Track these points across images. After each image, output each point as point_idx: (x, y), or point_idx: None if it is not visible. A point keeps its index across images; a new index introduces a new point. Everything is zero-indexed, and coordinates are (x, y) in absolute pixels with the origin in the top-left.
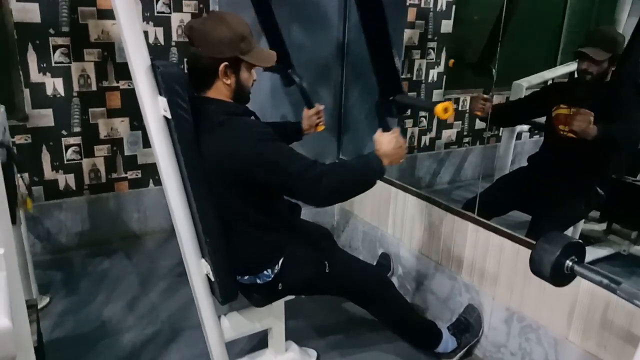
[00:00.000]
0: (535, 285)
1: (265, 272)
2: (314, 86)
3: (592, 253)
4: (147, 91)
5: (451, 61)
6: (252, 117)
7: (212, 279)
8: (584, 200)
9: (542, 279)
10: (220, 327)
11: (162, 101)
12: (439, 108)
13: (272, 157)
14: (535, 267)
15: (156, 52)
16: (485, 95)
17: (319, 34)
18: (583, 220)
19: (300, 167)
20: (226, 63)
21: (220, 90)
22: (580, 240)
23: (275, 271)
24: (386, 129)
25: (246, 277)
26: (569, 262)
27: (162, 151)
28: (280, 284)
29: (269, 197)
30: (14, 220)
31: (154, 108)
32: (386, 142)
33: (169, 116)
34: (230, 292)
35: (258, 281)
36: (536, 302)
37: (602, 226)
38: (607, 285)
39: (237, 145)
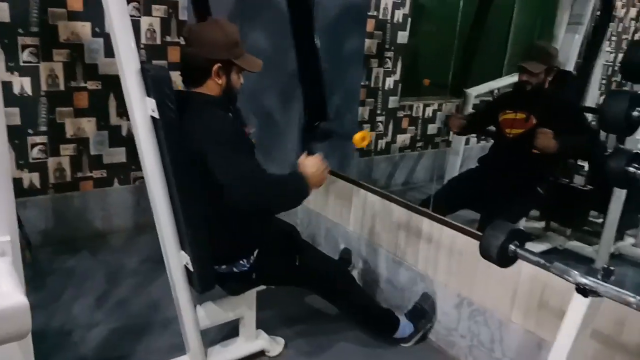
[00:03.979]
0: (482, 273)
1: (241, 261)
2: (279, 97)
3: (533, 248)
4: (136, 92)
5: (426, 80)
6: (229, 113)
7: (191, 270)
8: (526, 199)
9: (490, 262)
10: (196, 315)
11: (150, 102)
12: (357, 137)
13: (228, 145)
14: (484, 251)
15: None
16: (460, 115)
17: (285, 42)
18: (525, 218)
19: (251, 167)
20: (219, 64)
21: (211, 88)
22: (521, 228)
23: (251, 261)
24: (310, 153)
25: (224, 267)
26: (512, 246)
27: (148, 149)
28: (254, 274)
29: None
30: None
31: (142, 108)
32: (309, 165)
33: (157, 116)
34: (208, 281)
35: (235, 270)
36: (483, 288)
37: (542, 224)
38: (543, 264)
39: (203, 128)
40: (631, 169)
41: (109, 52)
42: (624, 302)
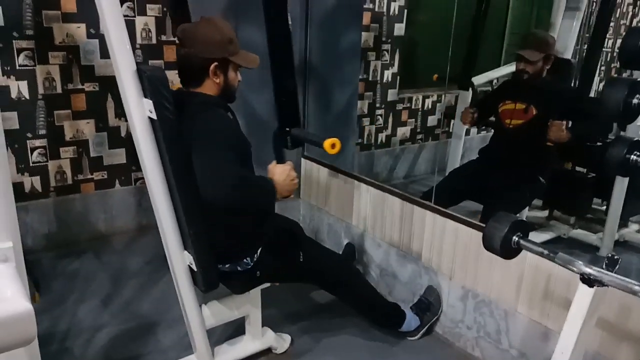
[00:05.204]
0: (487, 264)
1: (245, 260)
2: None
3: (536, 237)
4: (133, 94)
5: (435, 76)
6: (228, 112)
7: (195, 269)
8: (528, 189)
9: (494, 254)
10: (202, 315)
11: (148, 103)
12: (327, 143)
13: (221, 148)
14: (487, 243)
15: None
16: (471, 109)
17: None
18: (527, 207)
19: (237, 172)
20: (216, 63)
21: (210, 87)
22: (524, 219)
23: (255, 259)
24: (280, 160)
25: (227, 265)
26: (515, 238)
27: (147, 150)
28: (258, 272)
29: None
30: None
31: (140, 110)
32: (278, 173)
33: (154, 117)
34: (212, 281)
35: (238, 268)
36: (488, 279)
37: (545, 213)
38: (547, 255)
39: (199, 128)
40: (632, 157)
41: (105, 53)
42: (629, 291)
